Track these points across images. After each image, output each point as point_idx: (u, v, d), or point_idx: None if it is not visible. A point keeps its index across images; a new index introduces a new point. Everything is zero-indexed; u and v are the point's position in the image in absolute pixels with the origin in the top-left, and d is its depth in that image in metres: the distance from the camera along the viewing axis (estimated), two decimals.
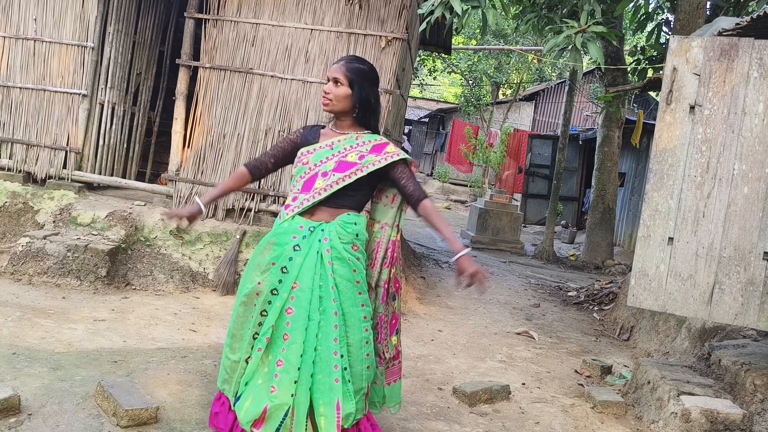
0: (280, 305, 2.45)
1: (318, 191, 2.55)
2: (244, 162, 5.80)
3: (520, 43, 20.76)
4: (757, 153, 3.20)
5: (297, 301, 2.45)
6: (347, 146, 2.60)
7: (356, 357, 2.48)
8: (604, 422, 3.62)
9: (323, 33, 5.74)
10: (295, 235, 2.53)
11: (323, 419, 2.39)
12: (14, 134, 6.19)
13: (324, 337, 2.43)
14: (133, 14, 6.62)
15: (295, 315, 2.43)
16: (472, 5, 5.31)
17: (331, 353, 2.42)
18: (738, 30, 3.41)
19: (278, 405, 2.37)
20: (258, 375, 2.46)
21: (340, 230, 2.53)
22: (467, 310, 6.11)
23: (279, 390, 2.38)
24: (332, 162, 2.58)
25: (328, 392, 2.40)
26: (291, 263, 2.49)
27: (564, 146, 11.02)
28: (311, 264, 2.48)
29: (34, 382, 3.08)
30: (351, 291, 2.50)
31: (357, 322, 2.49)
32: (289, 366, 2.39)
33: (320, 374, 2.41)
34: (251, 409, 2.41)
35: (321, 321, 2.43)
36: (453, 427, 3.32)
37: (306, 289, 2.45)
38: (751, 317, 3.22)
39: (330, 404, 2.40)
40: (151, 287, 5.48)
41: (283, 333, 2.43)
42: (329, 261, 2.48)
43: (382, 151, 2.59)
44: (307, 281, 2.46)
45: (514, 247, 10.92)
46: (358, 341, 2.49)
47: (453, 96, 33.44)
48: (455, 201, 20.02)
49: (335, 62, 2.64)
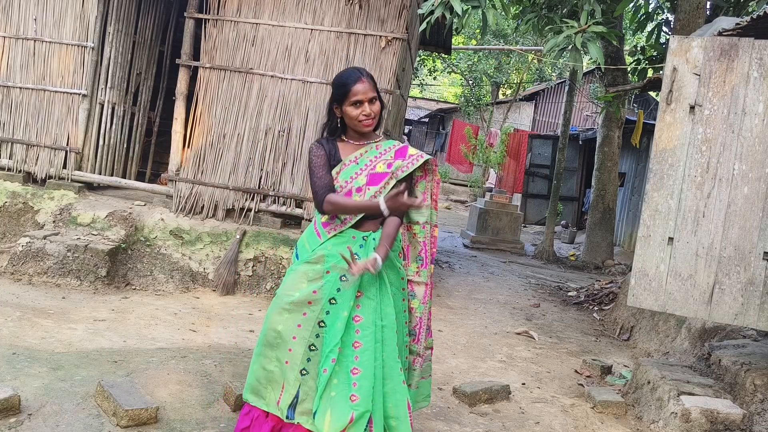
0: (347, 314, 2.43)
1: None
2: (244, 161, 5.82)
3: (520, 43, 20.77)
4: (757, 153, 3.20)
5: (363, 308, 2.46)
6: (372, 157, 2.60)
7: (403, 360, 2.57)
8: (604, 422, 3.62)
9: (323, 33, 5.74)
10: (349, 245, 2.50)
11: (394, 421, 2.43)
12: (14, 134, 6.19)
13: (387, 342, 2.47)
14: (133, 14, 6.62)
15: (364, 322, 2.45)
16: (472, 5, 5.31)
17: (395, 357, 2.47)
18: (738, 30, 3.40)
19: (363, 413, 2.35)
20: (330, 387, 2.41)
21: None
22: (467, 310, 6.11)
23: (361, 398, 2.36)
24: (363, 176, 2.56)
25: (397, 394, 2.45)
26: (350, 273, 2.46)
27: (564, 146, 11.02)
28: (370, 273, 2.47)
29: (34, 382, 3.08)
30: (399, 297, 2.59)
31: (402, 327, 2.58)
32: (367, 373, 2.40)
33: (388, 378, 2.45)
34: (335, 422, 2.33)
35: (383, 327, 2.47)
36: (453, 427, 3.32)
37: (370, 296, 2.48)
38: (751, 317, 3.22)
39: (400, 405, 2.45)
40: (151, 287, 5.48)
41: (353, 341, 2.43)
42: (384, 269, 2.51)
43: (406, 155, 2.62)
44: (370, 289, 2.49)
45: (514, 247, 10.92)
46: (402, 344, 2.57)
47: (453, 96, 33.44)
48: (455, 201, 20.02)
49: (357, 83, 2.51)
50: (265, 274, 5.63)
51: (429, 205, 2.73)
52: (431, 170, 2.70)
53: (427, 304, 2.74)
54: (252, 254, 5.65)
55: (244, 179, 5.88)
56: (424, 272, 2.72)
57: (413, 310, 2.70)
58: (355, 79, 2.53)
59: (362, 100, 2.51)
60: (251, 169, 5.88)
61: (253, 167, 5.88)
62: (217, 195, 5.91)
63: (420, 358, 2.73)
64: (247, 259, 5.64)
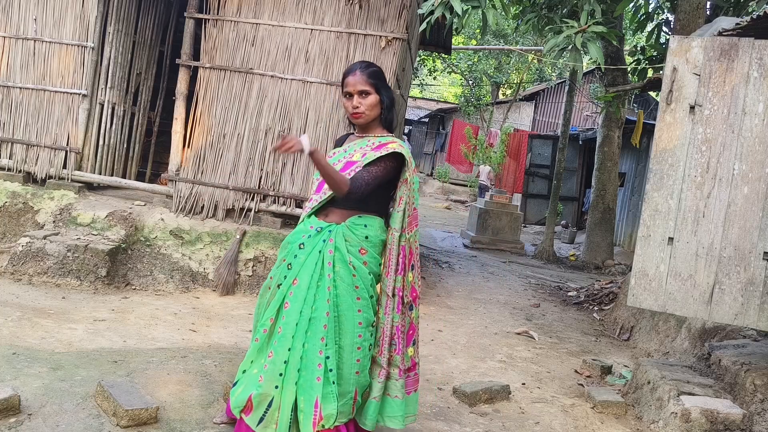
0: (280, 299, 2.54)
1: (325, 191, 2.61)
2: (244, 161, 5.82)
3: (520, 43, 20.77)
4: (757, 153, 3.20)
5: (293, 297, 2.51)
6: (357, 147, 2.63)
7: (346, 360, 2.49)
8: (604, 422, 3.62)
9: (323, 33, 5.74)
10: (304, 234, 2.61)
11: (302, 415, 2.43)
12: (14, 134, 6.19)
13: (312, 335, 2.46)
14: (133, 14, 6.62)
15: (289, 310, 2.50)
16: (472, 5, 5.31)
17: (316, 352, 2.45)
18: (738, 30, 3.40)
19: (262, 394, 2.44)
20: (254, 365, 2.55)
21: (347, 232, 2.56)
22: (467, 310, 6.10)
23: (265, 380, 2.45)
24: (341, 164, 2.60)
25: (309, 389, 2.44)
26: (295, 260, 2.57)
27: (564, 146, 11.02)
28: (311, 263, 2.52)
29: (34, 382, 3.08)
30: (349, 294, 2.51)
31: (351, 326, 2.50)
32: (277, 358, 2.45)
33: (304, 371, 2.45)
34: (240, 396, 2.50)
35: (311, 319, 2.47)
36: (453, 427, 3.32)
37: (303, 286, 2.50)
38: (751, 317, 3.22)
39: (309, 401, 2.43)
40: (151, 287, 5.48)
41: (278, 326, 2.51)
42: (329, 262, 2.51)
43: (383, 147, 2.56)
44: (305, 279, 2.51)
45: (514, 247, 10.92)
46: (349, 345, 2.50)
47: (453, 96, 33.44)
48: (455, 201, 20.01)
49: (349, 75, 2.58)
50: (265, 274, 5.63)
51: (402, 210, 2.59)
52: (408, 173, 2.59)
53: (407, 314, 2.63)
54: (252, 254, 5.65)
55: (244, 179, 5.88)
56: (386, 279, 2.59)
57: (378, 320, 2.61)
58: (349, 71, 2.62)
59: (351, 92, 2.59)
60: (251, 169, 5.88)
61: (253, 167, 5.88)
62: (217, 195, 5.91)
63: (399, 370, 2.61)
64: (247, 259, 5.64)
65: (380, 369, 2.60)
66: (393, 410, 2.62)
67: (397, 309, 2.61)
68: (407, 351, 2.67)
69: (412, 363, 2.71)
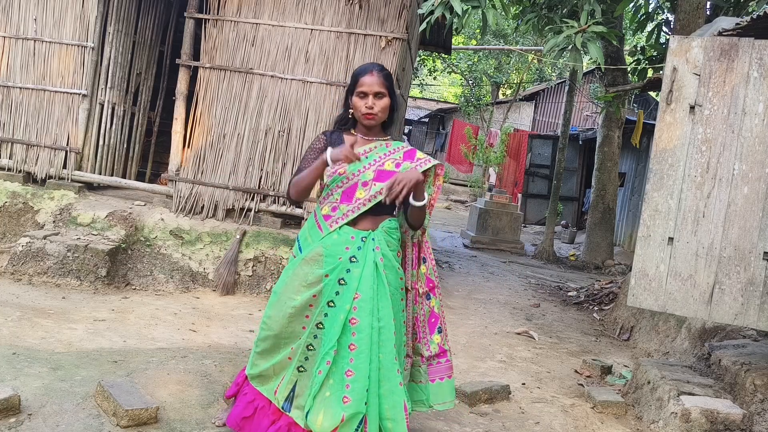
0: (344, 317, 2.46)
1: (362, 202, 2.55)
2: (244, 161, 5.83)
3: (520, 43, 20.77)
4: (757, 153, 3.20)
5: (360, 311, 2.47)
6: (381, 154, 2.62)
7: (401, 361, 2.56)
8: (604, 422, 3.62)
9: (323, 33, 5.74)
10: (348, 246, 2.54)
11: (390, 423, 2.43)
12: (14, 134, 6.19)
13: (384, 344, 2.46)
14: (133, 14, 6.62)
15: (360, 325, 2.46)
16: (472, 5, 5.31)
17: (392, 359, 2.46)
18: (738, 30, 3.40)
19: (354, 414, 2.38)
20: (325, 388, 2.45)
21: (388, 238, 2.57)
22: (467, 310, 6.11)
23: (353, 400, 2.39)
24: (371, 171, 2.57)
25: (394, 396, 2.45)
26: (349, 275, 2.50)
27: (564, 146, 11.02)
28: (369, 274, 2.50)
29: (34, 382, 3.08)
30: (397, 298, 2.57)
31: (400, 327, 2.57)
32: (360, 375, 2.41)
33: (385, 380, 2.45)
34: (327, 422, 2.39)
35: (380, 329, 2.47)
36: (453, 427, 3.32)
37: (367, 299, 2.48)
38: (751, 317, 3.22)
39: (397, 407, 2.44)
40: (151, 287, 5.48)
41: (349, 343, 2.45)
42: (383, 270, 2.52)
43: (414, 158, 2.62)
44: (367, 291, 2.48)
45: (514, 247, 10.92)
46: (400, 345, 2.57)
47: (453, 96, 33.44)
48: (455, 201, 20.01)
49: (366, 75, 2.58)
50: (265, 274, 5.63)
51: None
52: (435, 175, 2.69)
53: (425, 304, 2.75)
54: (252, 254, 5.65)
55: (244, 179, 5.88)
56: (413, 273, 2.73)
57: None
58: (365, 71, 2.60)
59: (367, 92, 2.57)
60: (251, 169, 5.88)
61: (253, 167, 5.88)
62: (217, 195, 5.91)
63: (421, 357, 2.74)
64: (247, 259, 5.64)
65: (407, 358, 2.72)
66: (418, 395, 2.74)
67: (414, 301, 2.71)
68: (432, 339, 2.76)
69: (441, 350, 2.78)
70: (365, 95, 2.58)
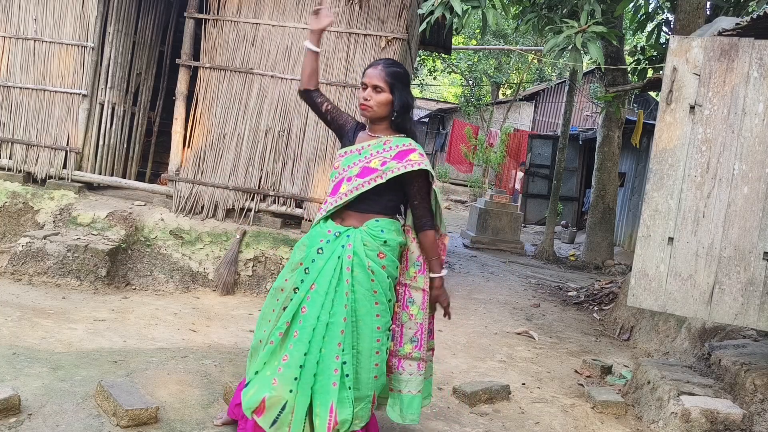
0: (297, 303, 2.52)
1: (341, 196, 2.58)
2: (244, 161, 5.83)
3: (520, 43, 20.77)
4: (757, 153, 3.20)
5: (311, 301, 2.50)
6: (374, 151, 2.60)
7: (364, 365, 2.50)
8: (604, 422, 3.62)
9: (323, 33, 5.73)
10: (322, 238, 2.59)
11: (318, 419, 2.44)
12: (14, 134, 6.19)
13: (328, 340, 2.46)
14: (133, 14, 6.62)
15: (307, 314, 2.48)
16: (472, 5, 5.31)
17: (333, 357, 2.45)
18: (738, 30, 3.40)
19: (275, 397, 2.43)
20: (267, 366, 2.52)
21: (365, 236, 2.55)
22: (467, 310, 6.10)
23: (279, 383, 2.44)
24: (357, 167, 2.59)
25: (325, 394, 2.44)
26: (313, 265, 2.55)
27: (564, 146, 11.02)
28: (330, 267, 2.51)
29: (34, 382, 3.08)
30: (367, 299, 2.51)
31: (369, 331, 2.51)
32: (292, 362, 2.45)
33: (320, 375, 2.45)
34: (253, 397, 2.49)
35: (329, 324, 2.46)
36: (453, 427, 3.31)
37: (321, 291, 2.49)
38: (751, 317, 3.22)
39: (324, 406, 2.44)
40: (151, 287, 5.48)
41: (294, 330, 2.49)
42: (348, 267, 2.50)
43: (405, 159, 2.55)
44: (323, 284, 2.50)
45: (514, 247, 10.92)
46: (367, 350, 2.51)
47: (453, 96, 33.44)
48: (455, 201, 20.00)
49: (371, 67, 2.61)
50: (265, 274, 5.63)
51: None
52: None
53: (426, 310, 2.71)
54: (252, 254, 5.65)
55: (244, 179, 5.88)
56: (421, 278, 2.67)
57: (413, 317, 2.67)
58: (372, 64, 2.65)
59: (366, 83, 2.60)
60: (251, 169, 5.88)
61: (253, 167, 5.88)
62: (217, 195, 5.91)
63: (423, 362, 2.73)
64: (247, 259, 5.64)
65: (420, 362, 2.70)
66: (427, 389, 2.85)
67: (422, 307, 2.70)
68: (430, 343, 2.80)
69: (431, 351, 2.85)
70: (365, 86, 2.60)
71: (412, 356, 2.68)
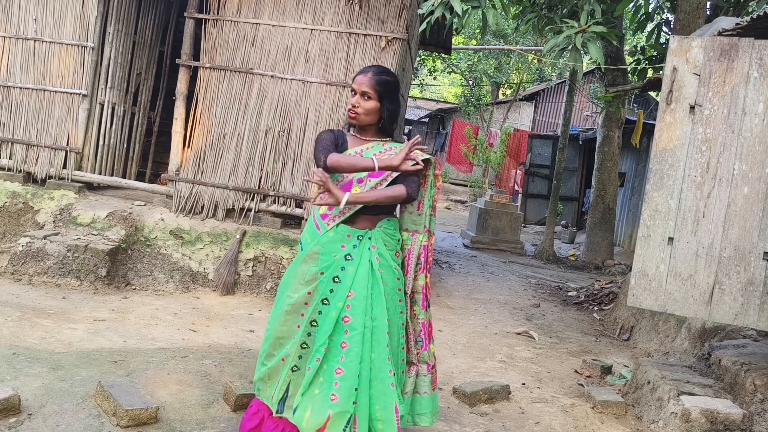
0: (336, 315, 2.46)
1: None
2: (244, 161, 5.83)
3: (520, 43, 20.77)
4: (757, 153, 3.20)
5: (353, 309, 2.46)
6: (376, 152, 2.61)
7: (396, 362, 2.53)
8: (604, 422, 3.62)
9: (323, 33, 5.74)
10: (343, 244, 2.54)
11: (380, 424, 2.42)
12: (14, 134, 6.19)
13: (377, 344, 2.46)
14: (133, 14, 6.62)
15: (353, 323, 2.45)
16: (472, 5, 5.31)
17: (384, 359, 2.45)
18: (738, 30, 3.40)
19: (340, 413, 2.36)
20: (315, 385, 2.44)
21: (385, 237, 2.57)
22: (467, 310, 6.10)
23: (340, 398, 2.38)
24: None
25: (385, 397, 2.43)
26: (344, 273, 2.50)
27: (564, 146, 11.02)
28: (364, 272, 2.50)
29: (34, 382, 3.08)
30: (394, 299, 2.55)
31: (397, 329, 2.55)
32: (350, 374, 2.40)
33: (376, 380, 2.44)
34: (313, 419, 2.38)
35: (373, 328, 2.46)
36: (453, 427, 3.31)
37: (361, 297, 2.47)
38: (751, 317, 3.22)
39: (387, 408, 2.43)
40: (151, 287, 5.48)
41: (341, 342, 2.44)
42: (378, 269, 2.51)
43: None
44: (361, 290, 2.48)
45: (514, 247, 10.92)
46: (396, 347, 2.54)
47: (453, 96, 33.44)
48: (455, 201, 20.00)
49: (361, 74, 2.61)
50: (265, 274, 5.63)
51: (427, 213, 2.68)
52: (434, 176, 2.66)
53: (427, 309, 2.71)
54: (252, 254, 5.65)
55: (244, 179, 5.88)
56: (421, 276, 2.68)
57: (416, 316, 2.68)
58: (362, 71, 2.64)
59: (355, 90, 2.60)
60: (251, 169, 5.88)
61: (253, 167, 5.88)
62: (217, 195, 5.91)
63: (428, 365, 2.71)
64: (247, 259, 5.64)
65: (411, 365, 2.67)
66: (423, 407, 2.70)
67: (422, 306, 2.69)
68: (431, 348, 2.75)
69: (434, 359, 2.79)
70: (354, 93, 2.60)
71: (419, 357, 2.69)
